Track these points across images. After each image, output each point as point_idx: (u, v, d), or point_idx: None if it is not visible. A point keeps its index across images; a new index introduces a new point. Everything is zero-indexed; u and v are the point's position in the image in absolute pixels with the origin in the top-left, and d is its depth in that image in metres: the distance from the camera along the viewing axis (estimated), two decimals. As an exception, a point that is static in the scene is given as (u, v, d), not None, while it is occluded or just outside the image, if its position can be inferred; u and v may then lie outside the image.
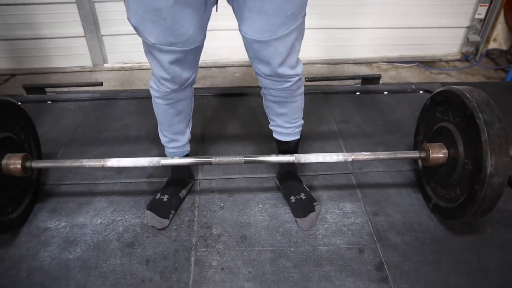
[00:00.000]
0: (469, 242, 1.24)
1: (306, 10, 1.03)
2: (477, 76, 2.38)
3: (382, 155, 1.25)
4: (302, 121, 1.31)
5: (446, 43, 2.55)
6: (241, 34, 1.05)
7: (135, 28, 1.00)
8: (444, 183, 1.25)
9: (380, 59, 2.51)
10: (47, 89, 2.05)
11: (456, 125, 1.19)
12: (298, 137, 1.34)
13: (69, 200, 1.40)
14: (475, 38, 2.49)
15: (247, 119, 1.85)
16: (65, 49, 2.36)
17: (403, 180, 1.48)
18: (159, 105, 1.22)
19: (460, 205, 1.16)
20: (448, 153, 1.22)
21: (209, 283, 1.12)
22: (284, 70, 1.08)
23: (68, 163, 1.24)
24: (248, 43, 1.05)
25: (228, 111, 1.92)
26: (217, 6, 1.04)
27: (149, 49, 1.04)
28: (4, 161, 1.18)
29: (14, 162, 1.18)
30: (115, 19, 2.28)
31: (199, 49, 1.08)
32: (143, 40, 1.03)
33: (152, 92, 1.20)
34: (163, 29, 0.97)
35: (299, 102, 1.24)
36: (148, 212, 1.30)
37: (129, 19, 0.99)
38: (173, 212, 1.32)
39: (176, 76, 1.10)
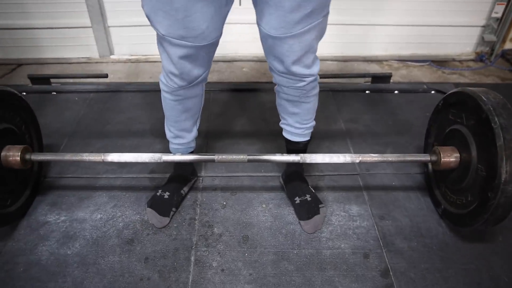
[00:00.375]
0: (479, 250, 1.20)
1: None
2: (492, 77, 2.31)
3: (390, 157, 1.21)
4: (314, 123, 1.26)
5: (460, 42, 2.48)
6: (258, 27, 1.01)
7: (147, 17, 0.96)
8: (455, 188, 1.21)
9: (391, 57, 2.45)
10: (52, 80, 2.03)
11: (470, 128, 1.14)
12: (308, 138, 1.29)
13: (69, 194, 1.38)
14: (491, 37, 2.41)
15: (253, 116, 1.81)
16: (71, 39, 2.33)
17: (411, 183, 1.44)
18: (166, 100, 1.18)
19: (471, 212, 1.11)
20: (460, 158, 1.17)
21: (208, 284, 1.09)
22: (298, 69, 1.04)
23: (68, 156, 1.22)
24: (264, 38, 1.01)
25: (235, 106, 1.88)
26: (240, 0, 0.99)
27: (160, 40, 1.01)
28: (3, 153, 1.16)
29: (13, 154, 1.16)
30: (122, 10, 2.24)
31: (212, 46, 1.03)
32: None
33: (161, 86, 1.16)
34: (175, 21, 0.92)
35: (313, 103, 1.19)
36: (149, 209, 1.28)
37: (143, 7, 0.95)
38: (174, 209, 1.29)
39: (185, 73, 1.05)
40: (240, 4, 1.00)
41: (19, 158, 1.16)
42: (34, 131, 1.36)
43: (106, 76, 2.02)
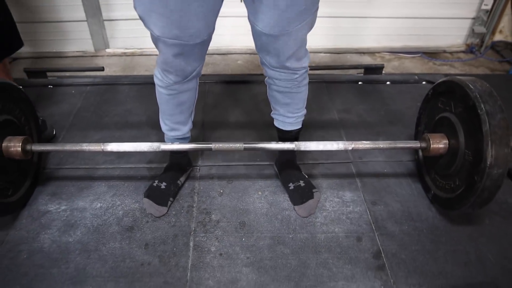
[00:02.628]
0: (467, 232, 1.24)
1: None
2: (481, 68, 2.36)
3: (382, 144, 1.25)
4: (305, 111, 1.30)
5: (451, 34, 2.52)
6: (250, 24, 1.03)
7: (141, 18, 0.97)
8: (444, 173, 1.25)
9: (383, 49, 2.49)
10: (48, 73, 2.04)
11: (458, 115, 1.19)
12: (300, 126, 1.33)
13: (69, 184, 1.41)
14: (481, 29, 2.46)
15: (248, 107, 1.84)
16: (67, 33, 2.34)
17: (403, 170, 1.48)
18: (161, 94, 1.21)
19: (459, 195, 1.16)
20: (448, 144, 1.21)
21: (207, 268, 1.13)
22: (291, 63, 1.07)
23: (68, 146, 1.24)
24: (257, 35, 1.03)
25: (230, 98, 1.91)
26: None
27: (154, 40, 1.02)
28: (4, 144, 1.18)
29: (14, 145, 1.18)
30: (117, 4, 2.25)
31: (206, 43, 1.05)
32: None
33: (156, 81, 1.19)
34: (170, 22, 0.93)
35: (304, 93, 1.23)
36: (146, 199, 1.31)
37: (135, 8, 0.96)
38: (171, 199, 1.32)
39: (180, 70, 1.08)
40: (241, 1, 1.00)
41: (20, 149, 1.18)
42: (33, 122, 1.39)
43: (102, 69, 2.03)
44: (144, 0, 0.93)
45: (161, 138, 1.40)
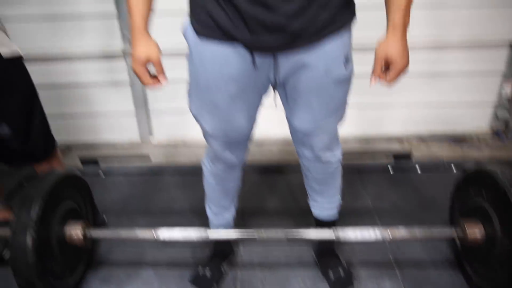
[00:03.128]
0: (516, 326, 1.21)
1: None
2: (510, 151, 2.40)
3: (418, 233, 1.28)
4: (340, 200, 1.38)
5: (475, 118, 2.58)
6: (287, 121, 1.17)
7: (194, 117, 1.14)
8: (483, 262, 1.26)
9: (410, 136, 2.58)
10: (99, 161, 2.24)
11: (491, 203, 1.23)
12: (336, 215, 1.40)
13: (118, 269, 1.49)
14: (504, 114, 2.53)
15: (284, 195, 1.93)
16: (115, 124, 2.54)
17: (441, 258, 1.48)
18: (208, 181, 1.33)
19: (503, 286, 1.15)
20: (485, 232, 1.24)
21: None
22: (325, 155, 1.19)
23: (123, 233, 1.35)
24: (293, 130, 1.17)
25: (266, 187, 2.02)
26: (275, 102, 1.15)
27: (205, 135, 1.18)
28: (67, 230, 1.29)
29: (76, 231, 1.29)
30: (162, 97, 2.47)
31: (249, 135, 1.20)
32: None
33: (203, 168, 1.32)
34: (219, 121, 1.08)
35: (338, 181, 1.32)
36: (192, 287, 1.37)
37: (190, 109, 1.13)
38: (215, 286, 1.37)
39: (227, 160, 1.22)
40: (276, 106, 1.17)
41: (81, 236, 1.29)
42: (90, 208, 1.52)
43: (148, 158, 2.22)
44: (198, 102, 1.09)
45: (204, 225, 1.49)
